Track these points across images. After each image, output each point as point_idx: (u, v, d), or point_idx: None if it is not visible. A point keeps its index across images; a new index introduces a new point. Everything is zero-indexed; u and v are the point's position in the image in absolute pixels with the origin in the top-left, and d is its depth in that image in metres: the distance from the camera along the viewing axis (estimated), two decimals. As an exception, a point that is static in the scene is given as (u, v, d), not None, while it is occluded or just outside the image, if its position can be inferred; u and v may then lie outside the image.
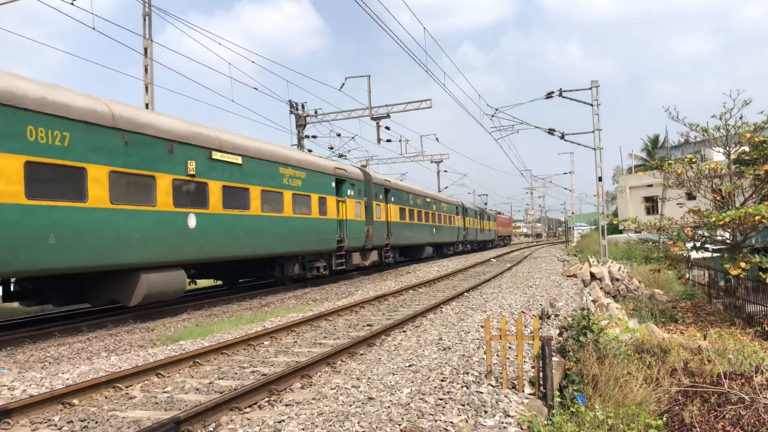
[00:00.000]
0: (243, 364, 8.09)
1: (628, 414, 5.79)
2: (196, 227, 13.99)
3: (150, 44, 18.70)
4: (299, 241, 18.84)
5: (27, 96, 10.21)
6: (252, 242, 16.27)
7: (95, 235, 11.37)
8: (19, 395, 6.75)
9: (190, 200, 14.00)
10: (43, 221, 10.34)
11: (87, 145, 11.30)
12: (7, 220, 9.73)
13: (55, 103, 10.73)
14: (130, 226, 12.16)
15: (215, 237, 14.73)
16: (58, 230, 10.61)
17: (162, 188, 13.07)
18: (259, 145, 17.28)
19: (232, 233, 15.38)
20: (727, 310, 14.43)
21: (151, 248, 12.72)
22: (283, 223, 17.89)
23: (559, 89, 26.46)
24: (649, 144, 62.29)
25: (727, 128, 14.82)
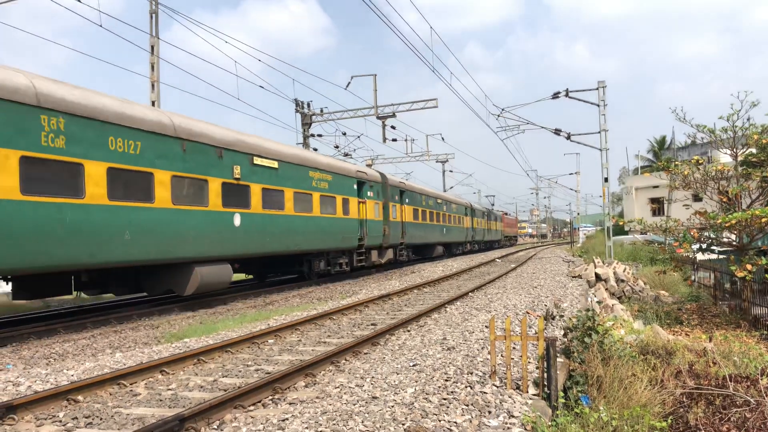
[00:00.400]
0: (247, 362, 8.10)
1: (633, 416, 5.77)
2: (240, 226, 15.44)
3: (157, 42, 18.74)
4: (325, 239, 20.17)
5: (109, 111, 11.76)
6: (286, 240, 17.64)
7: (160, 232, 12.83)
8: (24, 391, 6.77)
9: (236, 201, 15.35)
10: (121, 220, 11.83)
11: (154, 153, 12.75)
12: (94, 219, 11.30)
13: (130, 116, 12.26)
14: (187, 224, 13.59)
15: (256, 235, 16.17)
16: (132, 227, 12.07)
17: (213, 190, 14.53)
18: (292, 151, 18.94)
19: (270, 231, 16.82)
20: (732, 312, 14.38)
21: (204, 244, 14.11)
22: (312, 222, 19.23)
23: (565, 89, 26.43)
24: (656, 145, 62.12)
25: (735, 130, 14.77)
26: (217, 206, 14.56)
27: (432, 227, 33.79)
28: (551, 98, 26.99)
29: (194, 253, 13.75)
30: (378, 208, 24.83)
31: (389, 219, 25.98)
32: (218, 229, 14.60)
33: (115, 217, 11.70)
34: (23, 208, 10.02)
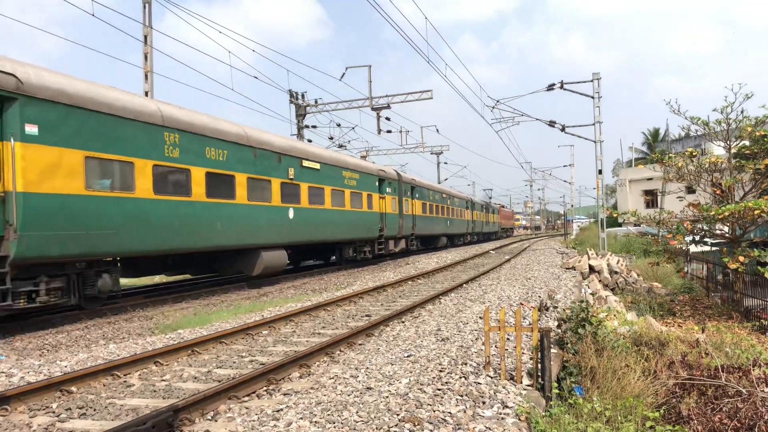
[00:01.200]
0: (241, 353, 8.10)
1: (626, 406, 5.80)
2: (293, 218, 18.50)
3: (150, 32, 18.60)
4: (354, 230, 23.22)
5: (206, 126, 14.61)
6: (325, 230, 20.72)
7: (239, 223, 15.63)
8: (17, 382, 6.75)
9: (290, 198, 18.39)
10: (214, 213, 14.60)
11: (235, 159, 15.61)
12: (198, 213, 14.06)
13: (219, 130, 15.12)
14: (257, 216, 16.47)
15: (304, 226, 19.18)
16: (221, 220, 14.83)
17: (275, 189, 17.51)
18: (330, 154, 22.43)
19: (314, 223, 19.89)
20: (724, 303, 14.47)
21: (268, 233, 17.02)
22: (344, 215, 22.34)
23: (560, 81, 26.41)
24: (650, 137, 62.25)
25: (728, 122, 14.78)
26: (277, 202, 17.63)
27: (438, 220, 36.60)
28: (546, 90, 26.96)
29: (261, 240, 16.67)
30: (394, 202, 27.96)
31: (403, 212, 28.98)
32: (278, 221, 17.64)
33: (211, 211, 14.53)
34: (156, 205, 12.84)
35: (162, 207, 13.00)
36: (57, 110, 10.71)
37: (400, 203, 28.68)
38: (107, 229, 11.63)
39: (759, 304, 13.17)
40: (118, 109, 12.03)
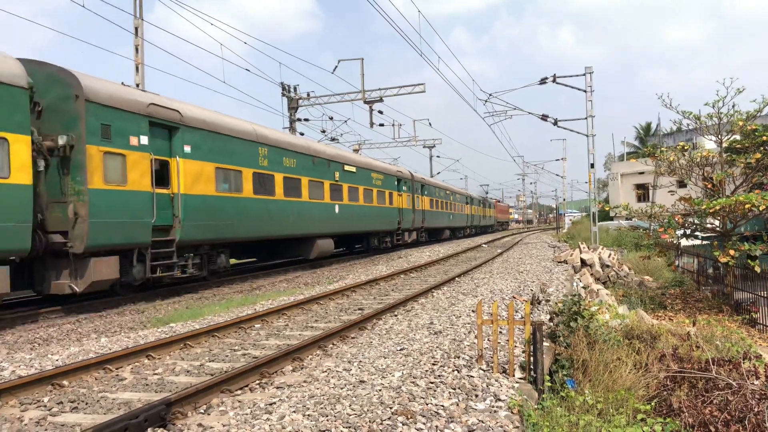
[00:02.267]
0: (234, 347, 8.09)
1: (618, 399, 5.83)
2: (338, 213, 22.81)
3: (141, 23, 18.45)
4: (379, 223, 27.79)
5: (282, 140, 19.22)
6: (359, 223, 25.18)
7: (304, 217, 20.00)
8: (8, 376, 6.72)
9: (336, 196, 22.73)
10: (288, 209, 18.87)
11: (301, 166, 20.05)
12: (279, 208, 18.21)
13: (292, 143, 19.92)
14: (314, 212, 20.86)
15: (345, 219, 23.52)
16: (293, 214, 19.18)
17: (326, 189, 21.96)
18: (363, 159, 27.25)
19: (353, 217, 24.23)
20: (715, 297, 14.55)
21: (321, 225, 21.38)
22: (372, 210, 26.86)
23: (553, 75, 26.40)
24: (642, 131, 62.41)
25: (720, 116, 14.83)
26: (327, 200, 21.98)
27: (442, 214, 40.75)
28: (539, 83, 26.96)
29: (317, 230, 21.02)
30: (409, 199, 32.29)
31: (415, 208, 33.15)
32: (328, 215, 21.96)
33: (286, 207, 18.75)
34: (255, 202, 17.01)
35: (258, 204, 17.20)
36: (200, 134, 14.79)
37: (412, 200, 32.79)
38: (227, 221, 15.63)
39: (749, 297, 13.26)
40: (231, 131, 16.17)
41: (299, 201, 19.66)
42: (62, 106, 11.59)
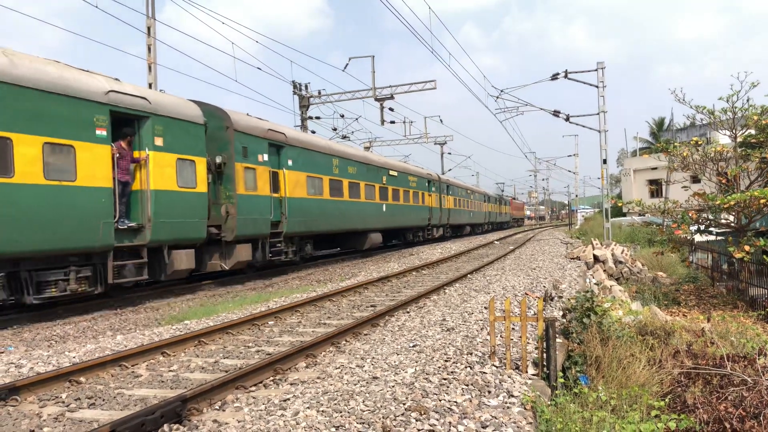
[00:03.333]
0: (248, 344, 8.15)
1: (631, 395, 5.82)
2: (384, 211, 26.92)
3: (153, 23, 18.58)
4: (414, 219, 32.04)
5: (349, 152, 23.85)
6: (400, 219, 29.37)
7: (362, 214, 24.15)
8: (26, 372, 6.81)
9: (383, 196, 26.96)
10: (352, 208, 23.02)
11: (359, 172, 24.12)
12: (346, 207, 22.36)
13: (353, 154, 24.45)
14: (368, 210, 24.97)
15: (390, 216, 27.61)
16: (354, 212, 23.30)
17: (376, 191, 25.99)
18: (402, 165, 32.41)
19: (394, 214, 28.31)
20: (730, 293, 14.44)
21: (373, 221, 25.43)
22: (409, 209, 31.08)
23: (564, 71, 26.26)
24: (655, 126, 61.93)
25: (734, 111, 14.69)
26: (377, 200, 26.15)
27: (464, 212, 44.76)
28: (550, 79, 26.84)
29: (370, 226, 25.10)
30: (437, 198, 36.27)
31: (441, 206, 37.07)
32: (378, 213, 26.06)
33: (351, 207, 22.96)
34: (331, 203, 21.09)
35: (333, 204, 21.27)
36: (297, 150, 19.05)
37: (440, 199, 36.79)
38: (313, 218, 19.59)
39: (764, 293, 13.14)
40: (315, 147, 20.56)
41: (359, 201, 23.90)
42: (218, 135, 15.33)
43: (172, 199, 13.17)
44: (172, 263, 13.34)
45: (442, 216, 37.00)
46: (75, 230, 10.82)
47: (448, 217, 38.85)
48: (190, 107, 14.26)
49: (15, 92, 9.87)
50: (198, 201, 14.06)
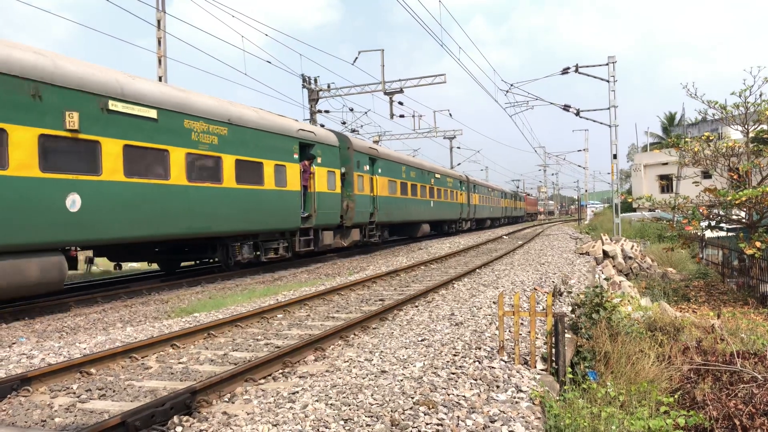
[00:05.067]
0: (257, 337, 8.18)
1: (640, 391, 5.80)
2: (432, 206, 33.20)
3: (163, 16, 18.61)
4: (450, 213, 38.11)
5: (411, 161, 30.79)
6: (441, 213, 35.40)
7: (418, 209, 30.07)
8: (37, 363, 6.87)
9: (431, 195, 33.10)
10: (413, 203, 29.27)
11: (417, 176, 30.30)
12: (410, 203, 28.85)
13: (415, 161, 31.68)
14: (422, 206, 31.15)
15: (435, 210, 33.83)
16: (414, 207, 29.51)
17: (427, 190, 32.25)
18: (442, 168, 38.29)
19: (438, 209, 34.51)
20: (740, 289, 14.36)
21: (424, 214, 31.63)
22: (448, 205, 37.30)
23: (575, 65, 26.11)
24: (666, 121, 61.50)
25: (746, 106, 14.57)
26: (427, 197, 32.30)
27: (486, 207, 50.83)
28: (561, 74, 26.69)
29: (423, 218, 31.59)
30: (466, 196, 42.62)
31: (470, 203, 43.52)
32: (427, 208, 32.29)
33: (412, 203, 29.27)
34: (401, 200, 27.43)
35: (403, 200, 28.02)
36: (383, 161, 25.45)
37: (467, 196, 42.98)
38: (391, 211, 26.03)
39: (775, 290, 13.06)
40: (392, 157, 27.36)
41: (417, 199, 30.23)
42: (343, 153, 21.67)
43: (325, 198, 19.73)
44: (322, 239, 19.80)
45: (469, 211, 43.50)
46: (285, 217, 17.48)
47: (474, 212, 45.33)
48: (331, 136, 21.09)
49: (263, 134, 16.45)
50: (336, 199, 20.67)
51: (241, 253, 15.94)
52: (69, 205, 10.69)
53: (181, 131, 13.32)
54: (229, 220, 14.84)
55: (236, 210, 15.05)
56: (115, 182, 11.62)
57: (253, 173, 15.80)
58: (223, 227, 14.69)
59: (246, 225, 15.63)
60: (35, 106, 10.10)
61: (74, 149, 10.88)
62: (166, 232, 12.98)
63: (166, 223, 12.90)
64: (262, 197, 16.17)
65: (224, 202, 14.60)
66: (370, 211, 23.76)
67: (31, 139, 9.99)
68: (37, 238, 10.14)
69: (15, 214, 9.76)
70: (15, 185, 9.77)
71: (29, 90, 10.00)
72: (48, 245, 10.42)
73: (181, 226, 13.30)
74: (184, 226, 13.39)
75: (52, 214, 10.36)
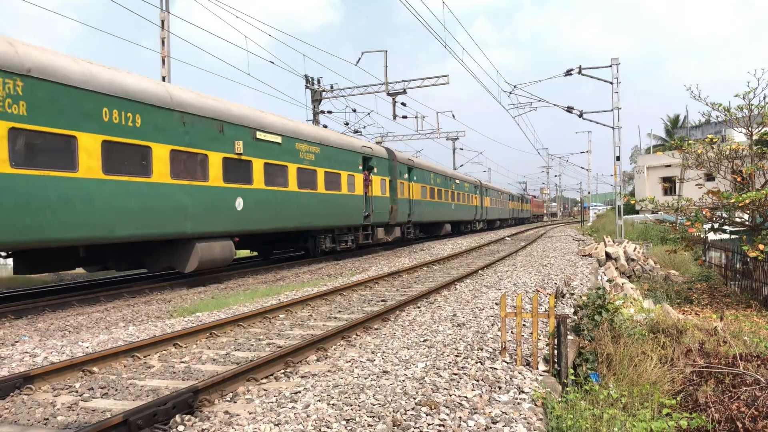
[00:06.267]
0: (259, 337, 8.19)
1: (642, 393, 5.80)
2: (453, 209, 37.59)
3: (167, 17, 18.64)
4: (466, 215, 41.95)
5: (437, 168, 35.18)
6: (460, 214, 39.60)
7: (443, 211, 34.89)
8: (40, 362, 6.88)
9: (452, 198, 37.02)
10: (438, 206, 33.74)
11: (441, 181, 34.55)
12: (437, 205, 33.52)
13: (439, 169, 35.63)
14: (445, 208, 35.50)
15: (455, 212, 38.07)
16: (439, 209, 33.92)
17: (449, 194, 36.43)
18: (462, 175, 43.42)
19: (458, 211, 38.77)
20: (743, 292, 14.34)
21: (447, 216, 35.94)
22: (465, 207, 41.51)
23: (578, 66, 26.11)
24: (669, 124, 61.41)
25: (750, 108, 14.55)
26: (450, 200, 36.36)
27: (496, 209, 55.45)
28: (564, 75, 26.69)
29: (446, 219, 35.67)
30: (479, 199, 46.60)
31: (482, 205, 47.69)
32: (449, 210, 36.23)
33: (439, 205, 33.61)
34: (430, 204, 31.97)
35: (431, 204, 32.04)
36: (418, 170, 29.79)
37: (480, 199, 46.88)
38: (424, 213, 30.33)
39: (778, 292, 13.03)
40: (424, 166, 31.35)
41: (441, 202, 34.44)
42: (389, 164, 25.90)
43: (379, 201, 24.29)
44: (376, 235, 24.28)
45: (482, 213, 47.92)
46: (354, 216, 22.01)
47: (486, 213, 49.87)
48: (383, 150, 26.03)
49: (340, 151, 21.10)
50: (386, 202, 25.09)
51: (325, 244, 20.60)
52: (237, 205, 15.01)
53: (293, 151, 17.93)
54: (320, 218, 19.45)
55: (324, 210, 19.66)
56: (261, 190, 16.11)
57: (334, 182, 20.47)
58: (316, 223, 19.30)
59: (330, 221, 20.30)
60: (220, 138, 14.53)
61: (239, 167, 15.24)
62: (287, 225, 17.57)
63: (287, 219, 17.46)
64: (340, 200, 20.95)
65: (318, 204, 19.21)
66: (408, 212, 27.91)
67: (219, 161, 14.46)
68: (221, 228, 14.54)
69: (212, 212, 14.15)
70: (212, 192, 14.22)
71: (218, 127, 14.46)
72: (225, 234, 14.77)
73: (294, 222, 17.88)
74: (296, 222, 17.98)
75: (228, 212, 14.72)
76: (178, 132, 13.17)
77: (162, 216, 12.65)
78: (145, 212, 12.19)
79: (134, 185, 12.00)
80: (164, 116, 12.78)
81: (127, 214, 11.76)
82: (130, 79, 12.27)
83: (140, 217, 12.09)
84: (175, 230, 13.07)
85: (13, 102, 9.64)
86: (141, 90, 12.30)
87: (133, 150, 12.05)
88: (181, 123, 13.24)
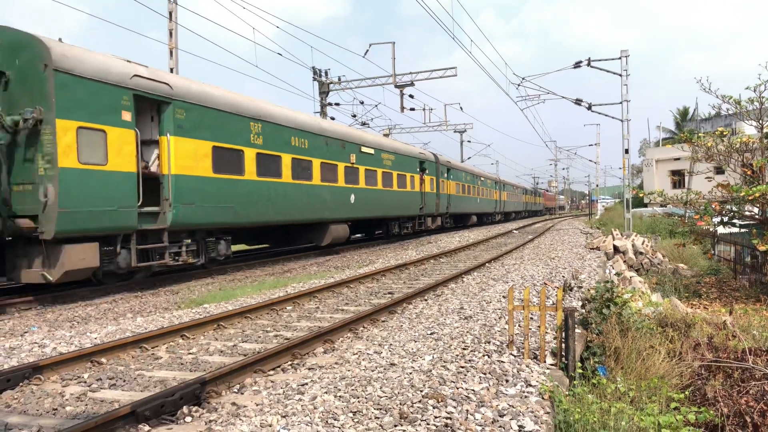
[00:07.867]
0: (266, 328, 8.20)
1: (650, 387, 5.77)
2: (479, 202, 43.39)
3: (175, 8, 18.63)
4: (488, 207, 46.99)
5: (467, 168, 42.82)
6: (483, 207, 45.15)
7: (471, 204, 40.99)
8: (49, 352, 6.92)
9: (477, 193, 42.82)
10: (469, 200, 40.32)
11: (470, 179, 40.79)
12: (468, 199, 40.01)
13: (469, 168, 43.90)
14: (473, 202, 41.53)
15: (480, 205, 43.72)
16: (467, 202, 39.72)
17: (474, 189, 42.12)
18: (484, 172, 48.68)
19: (482, 204, 44.61)
20: (752, 286, 14.23)
21: (473, 208, 42.06)
22: (487, 201, 46.70)
23: (588, 59, 25.90)
24: (678, 116, 60.98)
25: (761, 100, 14.38)
26: (475, 195, 41.91)
27: (511, 202, 60.34)
28: (573, 67, 26.50)
29: (472, 211, 41.86)
30: (497, 193, 51.40)
31: (500, 199, 52.77)
32: (475, 204, 41.77)
33: (468, 199, 39.78)
34: (462, 198, 38.11)
35: (463, 198, 37.84)
36: (453, 169, 35.89)
37: (499, 193, 52.13)
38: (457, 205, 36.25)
39: (788, 287, 12.93)
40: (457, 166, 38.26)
41: (470, 196, 40.10)
42: (435, 166, 31.69)
43: (429, 196, 30.10)
44: (426, 223, 30.01)
45: (500, 205, 53.03)
46: (413, 208, 28.04)
47: (504, 206, 55.10)
48: (431, 155, 31.78)
49: (406, 157, 27.84)
50: (433, 197, 30.96)
51: (395, 229, 26.65)
52: (351, 200, 21.30)
53: (381, 160, 24.45)
54: (394, 209, 25.77)
55: (397, 203, 26.00)
56: (363, 188, 22.46)
57: (402, 181, 26.77)
58: (391, 213, 25.57)
59: (399, 212, 26.46)
60: (343, 152, 20.92)
61: (353, 172, 21.61)
62: (376, 214, 23.82)
63: (376, 210, 23.83)
64: (406, 196, 27.28)
65: (393, 198, 25.60)
66: (447, 205, 33.64)
67: (342, 168, 20.80)
68: (344, 215, 20.78)
69: (339, 204, 20.36)
70: (340, 190, 20.58)
71: (342, 145, 20.79)
72: (344, 219, 20.97)
73: (380, 212, 24.23)
74: (381, 212, 24.31)
75: (346, 204, 21.01)
76: (324, 150, 19.45)
77: (315, 207, 18.71)
78: (310, 204, 18.33)
79: (305, 186, 18.10)
80: (318, 140, 19.07)
81: (301, 205, 17.83)
82: (301, 117, 18.67)
83: (307, 207, 18.13)
84: (320, 216, 19.15)
85: (256, 137, 15.72)
86: (306, 123, 18.61)
87: (304, 164, 18.12)
88: (325, 143, 19.55)
